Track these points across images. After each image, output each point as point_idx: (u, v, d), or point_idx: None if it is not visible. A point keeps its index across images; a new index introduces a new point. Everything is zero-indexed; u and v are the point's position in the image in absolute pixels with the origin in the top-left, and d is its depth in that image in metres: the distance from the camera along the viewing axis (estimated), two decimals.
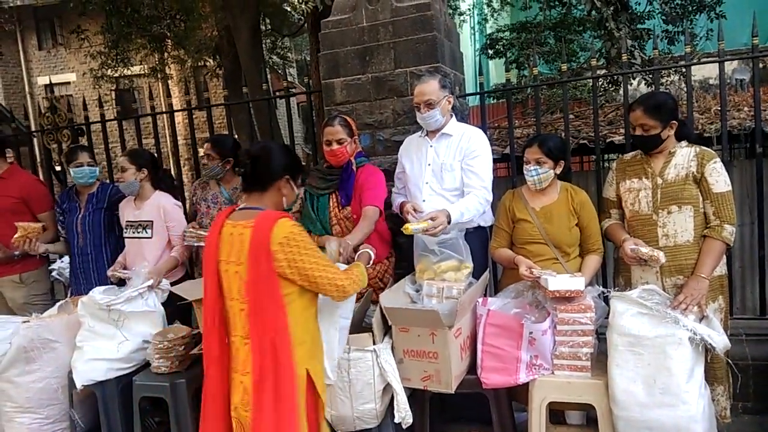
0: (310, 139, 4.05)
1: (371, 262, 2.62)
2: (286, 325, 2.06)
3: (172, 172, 4.86)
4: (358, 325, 2.72)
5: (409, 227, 2.63)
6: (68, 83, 19.88)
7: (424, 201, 3.00)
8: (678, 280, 2.64)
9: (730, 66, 8.68)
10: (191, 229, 3.40)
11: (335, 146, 2.95)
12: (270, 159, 2.19)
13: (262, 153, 2.19)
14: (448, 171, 2.98)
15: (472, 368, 2.62)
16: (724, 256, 2.71)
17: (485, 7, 11.48)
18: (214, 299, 2.16)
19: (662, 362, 2.31)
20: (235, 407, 2.12)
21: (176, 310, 3.30)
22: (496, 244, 2.94)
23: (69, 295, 3.77)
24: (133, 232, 3.50)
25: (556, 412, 2.82)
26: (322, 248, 2.92)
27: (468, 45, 12.20)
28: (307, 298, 2.16)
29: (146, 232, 3.47)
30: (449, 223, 2.72)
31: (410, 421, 2.53)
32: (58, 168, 4.74)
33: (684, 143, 2.70)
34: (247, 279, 2.05)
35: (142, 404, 3.09)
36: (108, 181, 4.34)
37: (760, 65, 4.99)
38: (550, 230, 2.79)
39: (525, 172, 2.82)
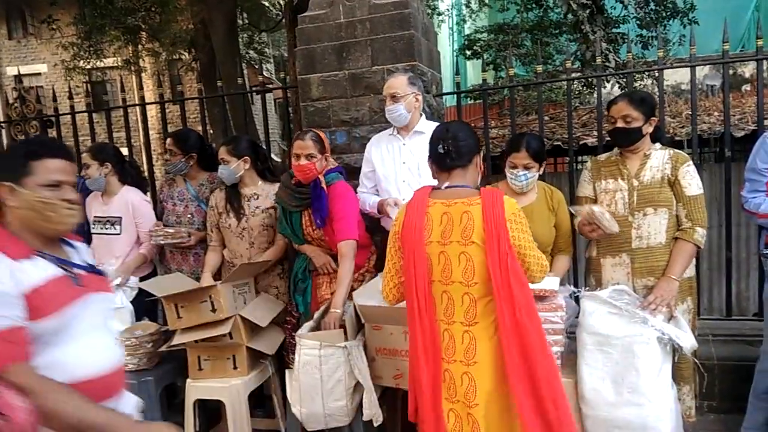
0: (286, 136, 4.02)
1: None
2: (532, 301, 1.97)
3: (144, 167, 4.78)
4: None
5: None
6: (39, 74, 19.47)
7: (403, 200, 2.99)
8: (648, 281, 2.67)
9: (701, 72, 8.85)
10: (156, 228, 3.34)
11: (303, 161, 2.86)
12: (468, 135, 2.10)
13: (462, 130, 2.11)
14: (426, 170, 2.96)
15: None
16: (694, 259, 2.75)
17: (464, 8, 11.52)
18: (423, 284, 2.01)
19: (630, 361, 2.34)
20: (456, 400, 1.99)
21: (144, 306, 3.24)
22: None
23: None
24: (101, 228, 3.43)
25: None
26: (303, 255, 2.93)
27: (446, 45, 12.23)
28: None
29: (114, 229, 3.41)
30: None
31: (380, 419, 2.53)
32: None
33: (658, 145, 2.74)
34: (488, 259, 1.93)
35: None
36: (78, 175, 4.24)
37: (730, 71, 5.10)
38: (532, 229, 2.80)
39: (511, 176, 2.78)
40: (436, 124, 3.12)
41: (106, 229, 3.42)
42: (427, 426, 2.04)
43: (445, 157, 2.08)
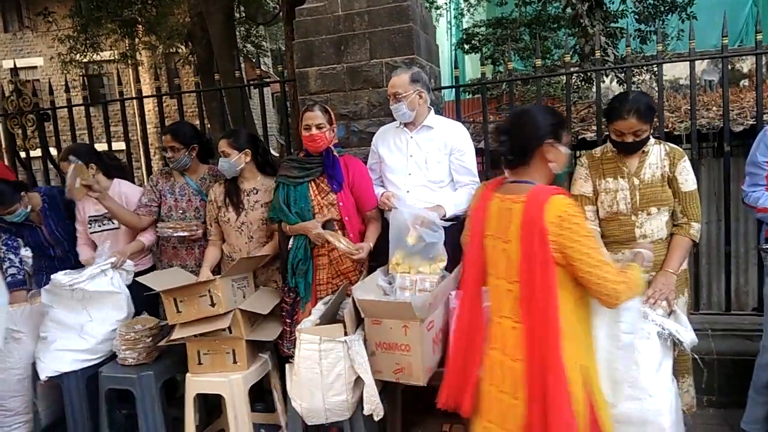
0: (284, 130, 3.98)
1: None
2: (556, 315, 1.82)
3: (141, 161, 4.76)
4: (333, 318, 2.70)
5: (410, 240, 2.74)
6: (35, 67, 19.37)
7: (408, 192, 3.00)
8: (649, 276, 2.67)
9: (699, 67, 8.84)
10: (161, 224, 3.32)
11: (314, 131, 2.91)
12: (525, 127, 1.96)
13: (516, 123, 2.00)
14: (435, 163, 3.00)
15: (444, 361, 2.61)
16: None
17: (462, 2, 11.49)
18: (477, 273, 2.02)
19: (630, 356, 2.34)
20: (499, 392, 1.96)
21: (143, 301, 3.23)
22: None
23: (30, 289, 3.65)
24: (100, 226, 3.42)
25: None
26: (302, 236, 2.91)
27: (444, 39, 12.20)
28: (582, 291, 1.90)
29: (113, 223, 3.39)
30: (444, 218, 2.83)
31: (381, 413, 2.53)
32: (22, 154, 4.60)
33: (652, 140, 2.73)
34: (520, 259, 1.87)
35: (109, 396, 3.04)
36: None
37: (729, 67, 5.09)
38: None
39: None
40: (445, 119, 3.16)
41: (104, 225, 3.41)
42: (464, 401, 2.04)
43: (498, 156, 2.02)
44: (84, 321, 3.05)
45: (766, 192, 2.69)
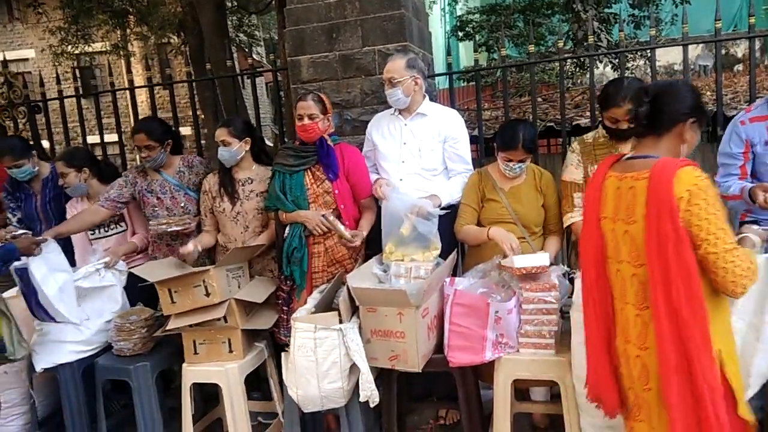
0: (278, 120, 3.97)
1: None
2: (699, 293, 1.64)
3: (135, 152, 4.74)
4: (328, 307, 2.71)
5: (404, 231, 2.74)
6: (26, 60, 19.19)
7: (401, 180, 3.01)
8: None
9: (693, 52, 8.84)
10: (153, 221, 3.28)
11: (306, 121, 2.91)
12: (676, 97, 1.82)
13: (667, 90, 1.85)
14: (428, 151, 3.00)
15: (439, 347, 2.63)
16: None
17: None
18: (596, 260, 1.89)
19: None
20: (631, 384, 1.85)
21: (138, 292, 3.23)
22: (462, 222, 2.93)
23: None
24: (105, 232, 3.45)
25: (521, 389, 2.87)
26: (298, 224, 2.92)
27: (438, 27, 12.14)
28: None
29: (120, 227, 3.46)
30: (440, 206, 2.84)
31: (377, 400, 2.54)
32: None
33: None
34: (646, 240, 1.71)
35: (105, 387, 3.05)
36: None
37: (722, 51, 5.08)
38: (519, 210, 2.82)
39: (505, 167, 2.80)
40: (439, 106, 3.16)
41: (112, 230, 3.44)
42: (606, 397, 1.93)
43: (637, 119, 1.86)
44: (81, 318, 3.06)
45: (738, 181, 2.68)
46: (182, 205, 3.34)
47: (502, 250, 2.66)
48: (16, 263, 2.84)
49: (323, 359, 2.50)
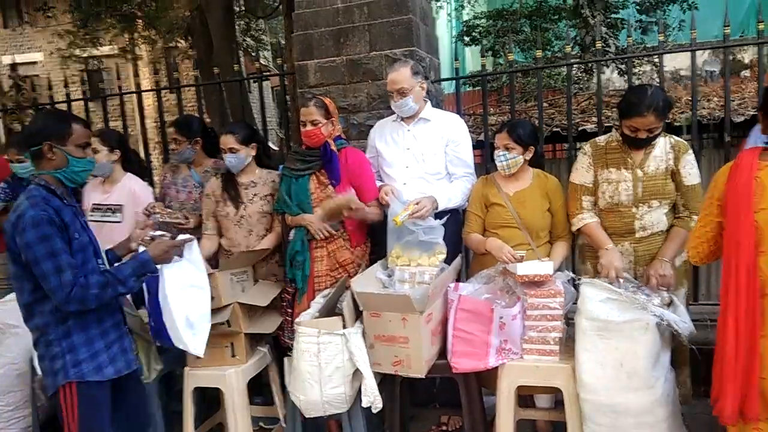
0: (284, 124, 3.97)
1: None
2: None
3: (141, 155, 4.75)
4: (332, 311, 2.70)
5: (398, 219, 2.69)
6: (35, 63, 19.25)
7: (404, 184, 3.01)
8: None
9: (701, 57, 8.79)
10: (155, 205, 3.24)
11: (309, 127, 2.93)
12: None
13: None
14: (431, 156, 3.00)
15: (443, 353, 2.62)
16: None
17: None
18: (747, 255, 1.81)
19: (630, 347, 2.34)
20: None
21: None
22: (468, 229, 2.93)
23: None
24: (101, 216, 3.39)
25: (525, 396, 2.85)
26: (301, 227, 2.91)
27: (444, 31, 12.15)
28: None
29: (116, 216, 3.37)
30: (437, 209, 2.82)
31: (380, 405, 2.53)
32: None
33: None
34: None
35: None
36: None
37: (730, 57, 5.07)
38: (524, 215, 2.80)
39: (495, 157, 2.83)
40: (441, 111, 3.17)
41: (107, 216, 3.38)
42: (730, 402, 1.89)
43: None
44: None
45: None
46: (194, 201, 3.39)
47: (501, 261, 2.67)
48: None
49: (326, 364, 2.49)
